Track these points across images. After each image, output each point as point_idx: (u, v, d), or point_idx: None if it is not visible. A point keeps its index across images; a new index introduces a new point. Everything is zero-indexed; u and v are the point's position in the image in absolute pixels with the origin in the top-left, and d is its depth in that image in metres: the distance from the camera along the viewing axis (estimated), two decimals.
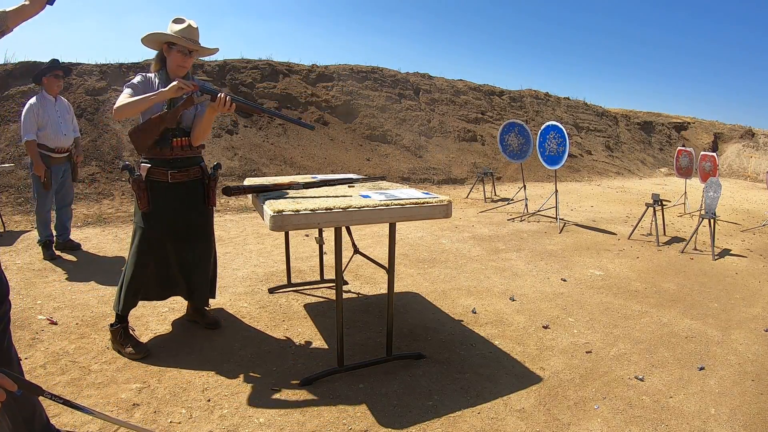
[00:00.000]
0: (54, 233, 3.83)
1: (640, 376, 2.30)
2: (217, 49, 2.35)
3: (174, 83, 2.07)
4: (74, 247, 3.95)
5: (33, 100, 3.55)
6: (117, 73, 8.01)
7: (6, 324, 1.42)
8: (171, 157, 2.25)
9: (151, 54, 2.34)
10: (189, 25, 2.21)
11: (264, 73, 9.68)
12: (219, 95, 2.11)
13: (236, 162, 7.59)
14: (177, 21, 2.22)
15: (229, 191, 2.18)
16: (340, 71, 10.88)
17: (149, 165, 2.23)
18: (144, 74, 2.27)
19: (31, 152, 3.53)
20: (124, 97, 2.12)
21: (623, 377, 2.30)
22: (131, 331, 2.36)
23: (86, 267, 3.58)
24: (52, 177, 3.67)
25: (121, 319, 2.32)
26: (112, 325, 2.32)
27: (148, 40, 2.24)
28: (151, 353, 2.28)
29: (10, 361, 1.43)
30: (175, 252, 2.37)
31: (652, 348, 2.63)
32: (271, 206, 1.85)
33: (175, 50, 2.20)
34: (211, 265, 2.53)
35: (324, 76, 10.54)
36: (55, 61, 3.69)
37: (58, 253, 3.79)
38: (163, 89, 2.10)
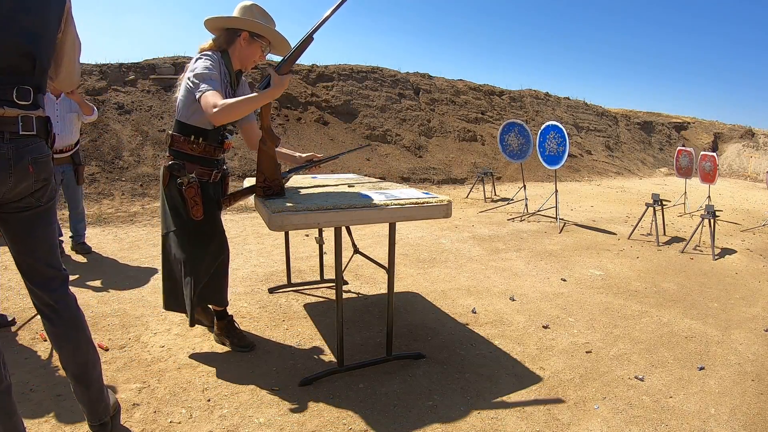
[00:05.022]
0: (63, 234, 3.85)
1: (640, 376, 2.30)
2: (289, 47, 2.12)
3: (283, 80, 1.84)
4: (86, 251, 3.92)
5: None
6: (117, 73, 8.02)
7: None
8: (218, 157, 2.15)
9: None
10: (274, 24, 2.08)
11: (264, 73, 9.68)
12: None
13: (236, 162, 7.59)
14: (265, 15, 2.05)
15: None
16: (340, 71, 10.88)
17: (198, 166, 2.06)
18: (207, 55, 1.97)
19: None
20: (216, 97, 1.82)
21: (623, 377, 2.30)
22: (236, 325, 2.43)
23: (86, 267, 3.58)
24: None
25: (221, 315, 2.38)
26: (217, 318, 2.40)
27: (238, 23, 2.01)
28: (155, 354, 2.28)
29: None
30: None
31: (652, 348, 2.63)
32: (271, 206, 1.85)
33: (258, 44, 2.06)
34: None
35: (324, 76, 10.54)
36: None
37: (68, 253, 3.80)
38: (272, 89, 1.84)
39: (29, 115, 1.41)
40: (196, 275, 2.13)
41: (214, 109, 1.79)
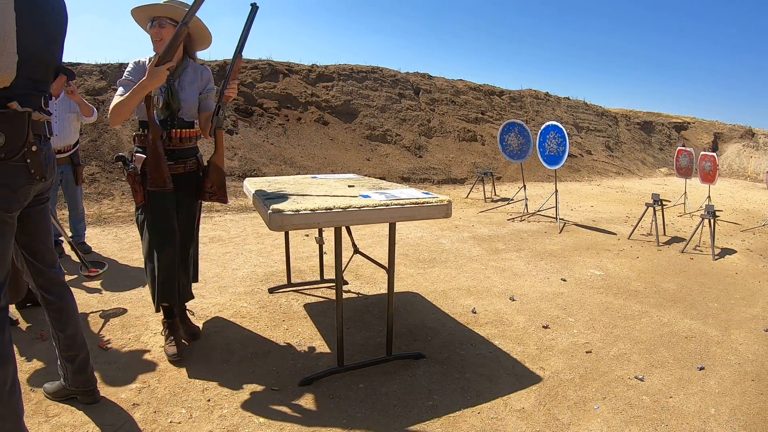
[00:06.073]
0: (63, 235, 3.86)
1: (640, 376, 2.30)
2: (186, 6, 2.03)
3: (156, 71, 1.89)
4: (86, 251, 3.91)
5: None
6: (117, 73, 8.01)
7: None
8: (169, 148, 2.15)
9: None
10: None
11: (264, 73, 9.68)
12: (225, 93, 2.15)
13: (236, 162, 7.59)
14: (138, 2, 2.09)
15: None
16: (340, 71, 10.88)
17: (144, 156, 2.10)
18: (136, 60, 2.10)
19: None
20: (116, 98, 2.00)
21: (623, 377, 2.30)
22: (178, 331, 2.34)
23: None
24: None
25: (168, 314, 2.30)
26: (164, 315, 2.35)
27: (141, 21, 2.14)
28: (155, 354, 2.28)
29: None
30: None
31: (652, 348, 2.63)
32: (271, 206, 1.85)
33: (154, 28, 2.07)
34: (192, 264, 2.41)
35: (324, 76, 10.54)
36: None
37: (68, 253, 3.80)
38: (144, 80, 1.91)
39: (50, 120, 1.64)
40: (152, 264, 2.15)
41: (109, 115, 2.00)
